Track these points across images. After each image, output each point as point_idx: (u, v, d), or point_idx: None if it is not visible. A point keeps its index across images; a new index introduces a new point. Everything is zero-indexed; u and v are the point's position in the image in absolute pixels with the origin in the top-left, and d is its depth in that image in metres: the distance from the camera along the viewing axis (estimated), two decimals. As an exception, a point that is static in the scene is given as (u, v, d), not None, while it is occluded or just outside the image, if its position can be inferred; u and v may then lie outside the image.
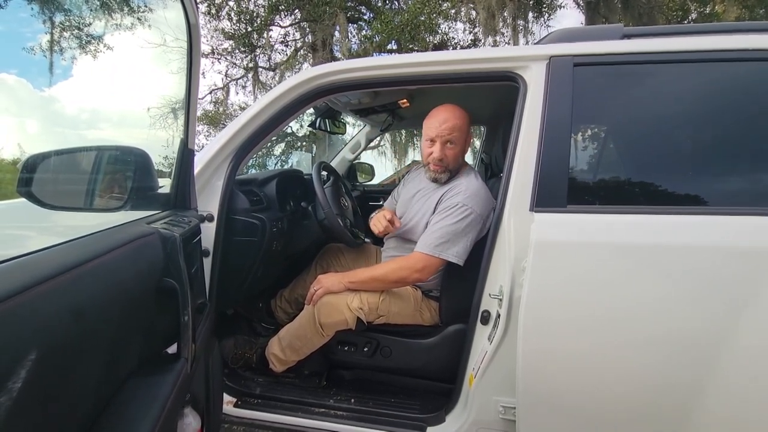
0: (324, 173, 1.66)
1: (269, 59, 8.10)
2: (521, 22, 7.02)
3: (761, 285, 0.86)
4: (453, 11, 7.28)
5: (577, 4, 7.43)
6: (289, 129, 8.30)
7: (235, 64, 8.06)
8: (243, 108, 8.24)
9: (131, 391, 0.62)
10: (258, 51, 7.87)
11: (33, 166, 0.72)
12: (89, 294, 0.50)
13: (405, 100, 1.94)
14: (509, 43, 6.86)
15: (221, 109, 8.38)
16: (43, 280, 0.42)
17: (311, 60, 7.71)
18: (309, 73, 1.23)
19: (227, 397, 1.29)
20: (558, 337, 0.95)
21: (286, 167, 7.80)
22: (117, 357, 0.62)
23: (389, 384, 1.42)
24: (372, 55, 6.61)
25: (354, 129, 2.84)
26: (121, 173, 0.91)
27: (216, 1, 7.26)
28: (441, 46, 7.21)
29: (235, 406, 1.28)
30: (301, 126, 8.19)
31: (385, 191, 2.59)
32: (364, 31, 7.69)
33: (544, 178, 1.02)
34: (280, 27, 7.83)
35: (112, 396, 0.60)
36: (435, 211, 1.31)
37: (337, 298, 1.31)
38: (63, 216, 0.84)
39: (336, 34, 7.47)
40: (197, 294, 0.94)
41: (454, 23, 7.51)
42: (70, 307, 0.45)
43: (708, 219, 0.94)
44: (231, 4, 7.40)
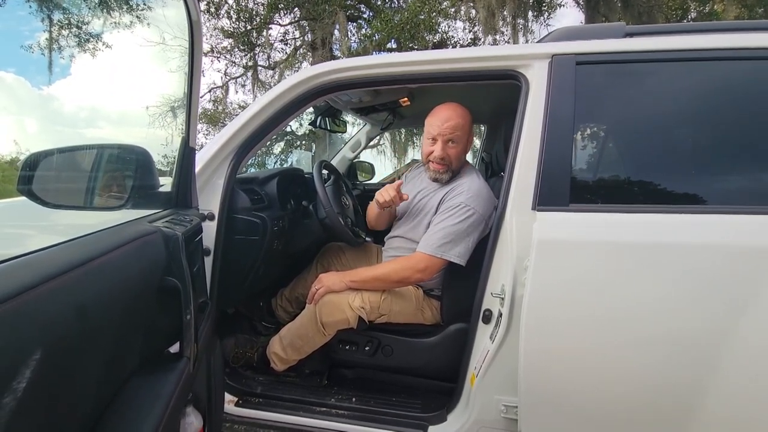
0: (325, 172, 1.65)
1: (269, 58, 8.09)
2: (521, 20, 7.02)
3: (763, 284, 0.86)
4: (453, 10, 7.27)
5: (577, 2, 7.43)
6: (289, 128, 8.29)
7: (235, 62, 8.05)
8: (242, 107, 8.22)
9: (134, 390, 0.62)
10: (257, 49, 7.86)
11: (34, 164, 0.72)
12: (93, 292, 0.50)
13: (406, 98, 1.94)
14: (509, 42, 6.85)
15: (221, 108, 8.37)
16: (47, 278, 0.42)
17: (311, 59, 7.70)
18: (309, 72, 1.23)
19: (228, 396, 1.29)
20: (560, 336, 0.95)
21: (286, 166, 7.79)
22: (120, 356, 0.61)
23: (391, 383, 1.42)
24: (372, 54, 6.60)
25: (354, 128, 2.84)
26: (122, 172, 0.91)
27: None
28: (440, 44, 7.20)
29: (237, 405, 1.28)
30: (301, 125, 8.19)
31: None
32: (363, 30, 7.67)
33: (546, 177, 1.02)
34: (279, 25, 7.81)
35: (115, 395, 0.59)
36: (437, 211, 1.31)
37: (339, 297, 1.31)
38: (64, 215, 0.84)
39: (336, 32, 7.46)
40: (199, 293, 0.94)
41: (453, 22, 7.51)
42: (73, 306, 0.45)
43: (711, 218, 0.94)
44: (230, 2, 7.39)
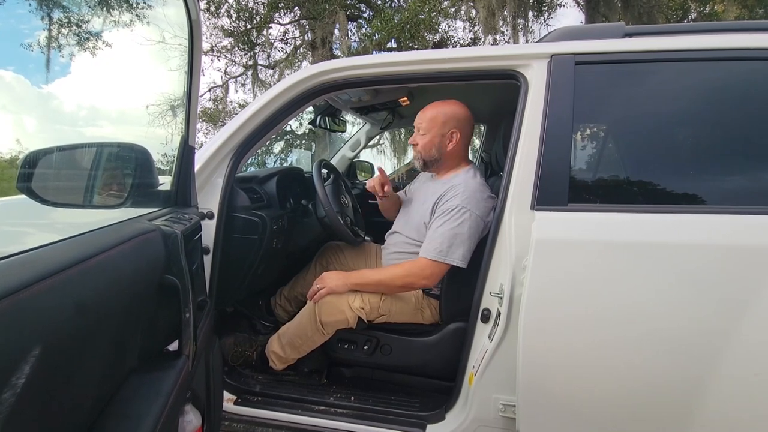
0: (324, 171, 1.66)
1: (269, 57, 8.08)
2: (521, 20, 7.02)
3: (762, 283, 0.86)
4: (453, 9, 7.27)
5: (577, 2, 7.43)
6: (289, 127, 8.29)
7: (235, 61, 8.04)
8: (242, 106, 8.22)
9: (134, 388, 0.62)
10: (257, 48, 7.85)
11: (33, 162, 0.72)
12: (92, 290, 0.50)
13: (405, 98, 1.94)
14: (509, 42, 6.85)
15: (220, 107, 8.37)
16: (46, 275, 0.42)
17: (311, 58, 7.69)
18: (309, 71, 1.23)
19: (227, 395, 1.29)
20: (558, 336, 0.95)
21: (286, 165, 7.79)
22: (119, 353, 0.62)
23: (389, 382, 1.43)
24: (372, 53, 6.60)
25: (354, 127, 2.84)
26: (122, 170, 0.91)
27: (215, -2, 7.24)
28: (441, 44, 7.20)
29: (236, 403, 1.28)
30: (301, 124, 8.18)
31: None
32: (363, 29, 7.67)
33: (545, 176, 1.02)
34: (279, 24, 7.81)
35: (114, 392, 0.60)
36: (433, 213, 1.31)
37: (339, 297, 1.31)
38: (64, 213, 0.84)
39: (336, 32, 7.45)
40: (198, 291, 0.94)
41: (453, 22, 7.51)
42: (72, 303, 0.45)
43: (709, 218, 0.94)
44: (230, 1, 7.37)
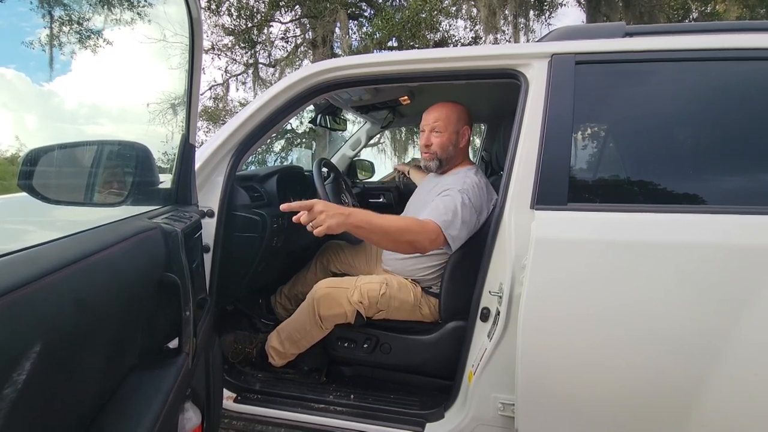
0: (324, 170, 1.66)
1: (269, 55, 8.08)
2: (522, 19, 7.01)
3: (762, 283, 0.86)
4: (454, 8, 7.26)
5: (578, 2, 7.42)
6: (290, 125, 8.28)
7: (235, 60, 8.04)
8: (243, 104, 8.22)
9: (134, 385, 0.62)
10: (258, 47, 7.85)
11: (34, 160, 0.72)
12: (92, 287, 0.50)
13: (406, 97, 1.94)
14: (510, 41, 6.84)
15: (221, 106, 8.36)
16: (48, 273, 0.42)
17: (311, 57, 7.68)
18: (310, 70, 1.23)
19: (227, 393, 1.29)
20: (558, 335, 0.96)
21: (286, 164, 7.79)
22: (119, 351, 0.62)
23: (389, 380, 1.43)
24: (372, 52, 6.59)
25: (354, 126, 2.84)
26: (122, 168, 0.91)
27: (216, -3, 7.23)
28: (442, 43, 7.20)
29: (235, 401, 1.28)
30: (302, 122, 8.18)
31: (385, 188, 2.59)
32: (364, 28, 7.67)
33: (544, 175, 1.02)
34: (280, 23, 7.80)
35: (114, 389, 0.60)
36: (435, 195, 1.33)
37: (338, 291, 1.32)
38: (64, 211, 0.84)
39: (336, 30, 7.45)
40: (198, 289, 0.94)
41: (454, 20, 7.50)
42: (73, 300, 0.46)
43: (709, 217, 0.94)
44: (231, -1, 7.37)
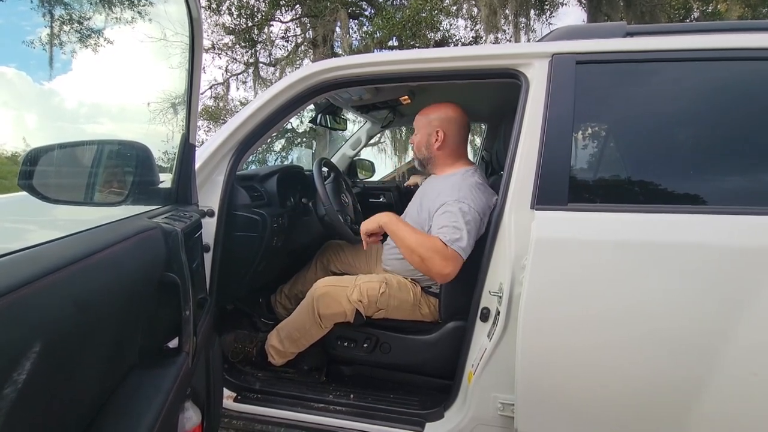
0: (325, 169, 1.66)
1: (270, 55, 8.08)
2: (523, 19, 7.00)
3: (761, 284, 0.86)
4: (455, 8, 7.26)
5: (580, 1, 7.41)
6: (290, 125, 8.29)
7: (236, 59, 8.05)
8: (243, 103, 8.22)
9: (134, 384, 0.62)
10: (259, 46, 7.85)
11: (34, 159, 0.72)
12: (92, 287, 0.50)
13: (406, 96, 1.94)
14: (511, 41, 6.84)
15: (221, 105, 8.37)
16: (47, 272, 0.42)
17: (312, 56, 7.69)
18: (310, 69, 1.23)
19: (227, 392, 1.29)
20: (557, 335, 0.96)
21: (286, 163, 7.79)
22: (120, 350, 0.62)
23: (388, 380, 1.43)
24: (373, 52, 6.59)
25: (355, 125, 2.84)
26: (123, 168, 0.91)
27: (217, -4, 7.23)
28: (442, 42, 7.19)
29: (235, 400, 1.28)
30: (302, 122, 8.18)
31: (386, 188, 2.59)
32: (365, 28, 7.67)
33: (545, 175, 1.02)
34: (281, 22, 7.80)
35: (114, 389, 0.60)
36: (431, 208, 1.30)
37: (337, 289, 1.32)
38: (65, 210, 0.84)
39: (337, 30, 7.45)
40: (198, 289, 0.94)
41: (455, 20, 7.50)
42: (73, 300, 0.46)
43: (709, 218, 0.94)
44: (232, -2, 7.36)
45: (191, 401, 0.95)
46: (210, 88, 8.27)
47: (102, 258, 0.53)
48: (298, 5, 7.43)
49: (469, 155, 1.51)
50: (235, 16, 7.44)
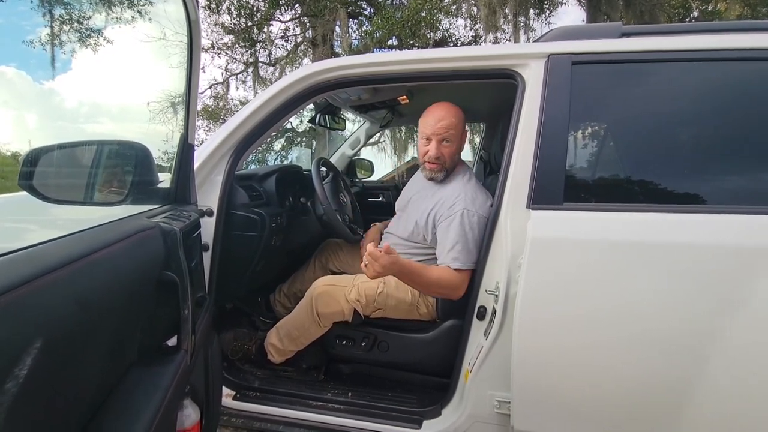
0: (323, 169, 1.66)
1: (269, 54, 8.08)
2: (522, 18, 7.00)
3: (756, 283, 0.87)
4: (454, 7, 7.26)
5: (579, 1, 7.41)
6: (289, 124, 8.29)
7: (235, 59, 8.04)
8: (243, 103, 8.22)
9: (133, 382, 0.63)
10: (258, 46, 7.85)
11: (34, 160, 0.73)
12: (92, 285, 0.51)
13: (405, 96, 1.94)
14: (510, 40, 6.84)
15: (221, 104, 8.37)
16: (48, 271, 0.43)
17: (311, 55, 7.68)
18: (309, 69, 1.23)
19: (226, 390, 1.30)
20: (553, 334, 0.96)
21: (285, 163, 7.79)
22: (119, 348, 0.63)
23: (386, 378, 1.44)
24: (372, 51, 6.59)
25: (354, 125, 2.85)
26: (122, 168, 0.92)
27: (216, -5, 7.22)
28: (442, 42, 7.20)
29: (234, 398, 1.29)
30: (301, 122, 8.18)
31: (385, 188, 2.59)
32: (364, 27, 7.66)
33: (541, 175, 1.03)
34: (280, 22, 7.80)
35: (114, 386, 0.61)
36: (435, 221, 1.29)
37: (335, 289, 1.33)
38: (64, 210, 0.85)
39: (337, 29, 7.44)
40: (197, 288, 0.95)
41: (455, 19, 7.50)
42: (73, 298, 0.46)
43: (704, 217, 0.95)
44: (231, -2, 7.36)
45: (190, 399, 0.96)
46: (210, 87, 8.27)
47: (101, 257, 0.54)
48: (297, 5, 7.43)
49: (468, 155, 1.50)
50: (235, 15, 7.44)
